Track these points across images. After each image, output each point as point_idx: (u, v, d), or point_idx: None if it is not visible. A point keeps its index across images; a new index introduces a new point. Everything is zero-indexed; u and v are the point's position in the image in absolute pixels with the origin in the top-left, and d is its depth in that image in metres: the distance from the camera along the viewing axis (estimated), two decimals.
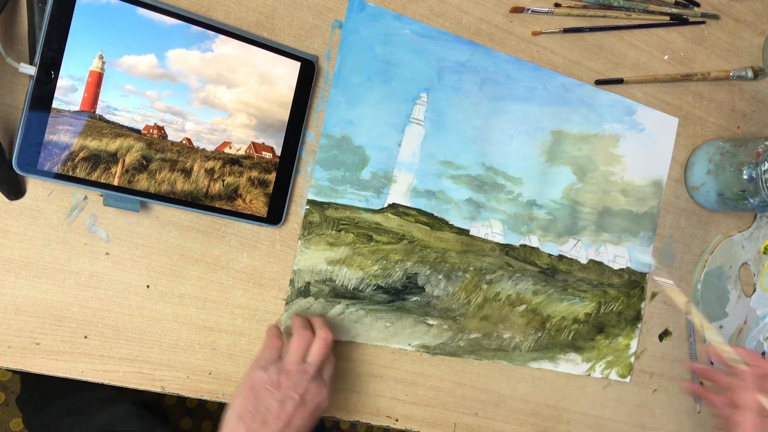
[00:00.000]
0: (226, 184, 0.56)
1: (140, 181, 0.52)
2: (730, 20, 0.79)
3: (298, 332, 0.55)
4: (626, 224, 0.75)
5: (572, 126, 0.71)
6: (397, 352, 0.65)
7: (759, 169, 0.68)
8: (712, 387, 0.43)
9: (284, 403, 0.50)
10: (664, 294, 0.54)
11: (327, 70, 0.60)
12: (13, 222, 0.51)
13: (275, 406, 0.50)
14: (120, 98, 0.51)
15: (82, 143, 0.50)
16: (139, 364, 0.55)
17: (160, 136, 0.53)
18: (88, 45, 0.49)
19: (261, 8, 0.57)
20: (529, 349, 0.71)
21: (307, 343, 0.54)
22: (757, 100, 0.82)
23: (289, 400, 0.51)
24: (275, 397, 0.50)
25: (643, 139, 0.75)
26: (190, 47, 0.53)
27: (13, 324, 0.51)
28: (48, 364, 0.53)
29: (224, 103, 0.55)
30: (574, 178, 0.72)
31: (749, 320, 0.84)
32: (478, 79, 0.66)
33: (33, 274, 0.52)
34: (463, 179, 0.66)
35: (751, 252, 0.84)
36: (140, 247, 0.55)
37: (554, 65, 0.70)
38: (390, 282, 0.64)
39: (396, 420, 0.66)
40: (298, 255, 0.60)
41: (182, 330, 0.57)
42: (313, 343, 0.54)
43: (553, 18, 0.69)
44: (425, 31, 0.63)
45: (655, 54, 0.75)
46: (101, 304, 0.54)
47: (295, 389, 0.51)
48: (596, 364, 0.74)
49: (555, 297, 0.72)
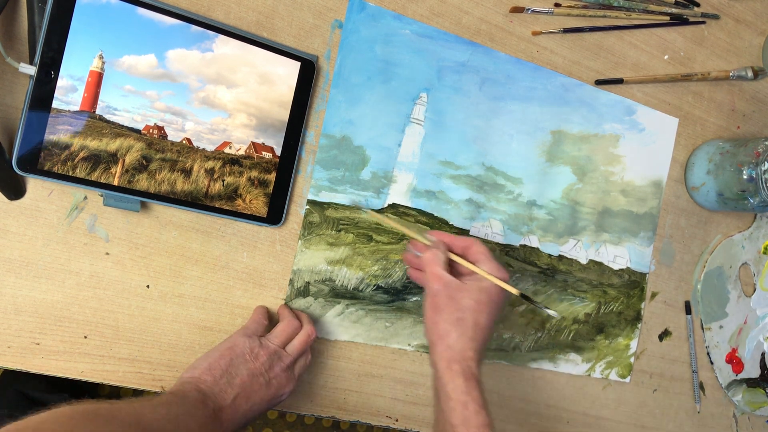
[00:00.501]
0: (226, 184, 0.56)
1: (140, 181, 0.52)
2: (730, 20, 0.79)
3: (288, 320, 0.56)
4: (626, 224, 0.75)
5: (572, 126, 0.71)
6: (397, 352, 0.65)
7: (759, 169, 0.68)
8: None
9: (253, 376, 0.51)
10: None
11: (327, 70, 0.60)
12: (13, 222, 0.51)
13: (245, 374, 0.51)
14: (120, 98, 0.51)
15: (82, 143, 0.50)
16: (139, 364, 0.55)
17: (160, 136, 0.53)
18: (88, 45, 0.49)
19: (261, 8, 0.57)
20: (529, 349, 0.71)
21: (293, 331, 0.56)
22: (757, 100, 0.82)
23: (259, 377, 0.52)
24: (248, 366, 0.52)
25: (643, 139, 0.75)
26: (190, 47, 0.53)
27: (13, 324, 0.51)
28: (48, 364, 0.53)
29: (224, 103, 0.55)
30: (574, 178, 0.72)
31: (749, 320, 0.84)
32: (478, 79, 0.66)
33: (33, 274, 0.52)
34: (463, 179, 0.66)
35: (751, 252, 0.84)
36: (140, 247, 0.55)
37: (554, 65, 0.70)
38: (390, 282, 0.64)
39: (396, 420, 0.66)
40: (298, 255, 0.60)
41: (182, 330, 0.57)
42: (297, 335, 0.56)
43: (553, 18, 0.69)
44: (425, 31, 0.63)
45: (655, 54, 0.75)
46: (101, 304, 0.54)
47: (268, 370, 0.52)
48: (596, 365, 0.74)
49: (555, 297, 0.72)
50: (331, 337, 0.62)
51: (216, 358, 0.51)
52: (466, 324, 0.52)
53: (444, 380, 0.51)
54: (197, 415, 0.46)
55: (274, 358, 0.53)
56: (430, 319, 0.54)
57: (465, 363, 0.51)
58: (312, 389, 0.62)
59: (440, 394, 0.52)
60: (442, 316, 0.53)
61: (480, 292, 0.53)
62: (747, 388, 0.84)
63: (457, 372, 0.51)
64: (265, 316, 0.57)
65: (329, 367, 0.63)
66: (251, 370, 0.52)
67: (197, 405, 0.47)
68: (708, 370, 0.82)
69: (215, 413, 0.48)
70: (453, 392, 0.50)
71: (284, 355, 0.54)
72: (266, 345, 0.53)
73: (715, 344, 0.82)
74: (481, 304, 0.53)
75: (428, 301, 0.54)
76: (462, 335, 0.52)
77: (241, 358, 0.52)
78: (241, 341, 0.53)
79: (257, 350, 0.53)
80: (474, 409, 0.49)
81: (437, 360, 0.52)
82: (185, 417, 0.45)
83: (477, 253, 0.55)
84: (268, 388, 0.52)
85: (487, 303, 0.53)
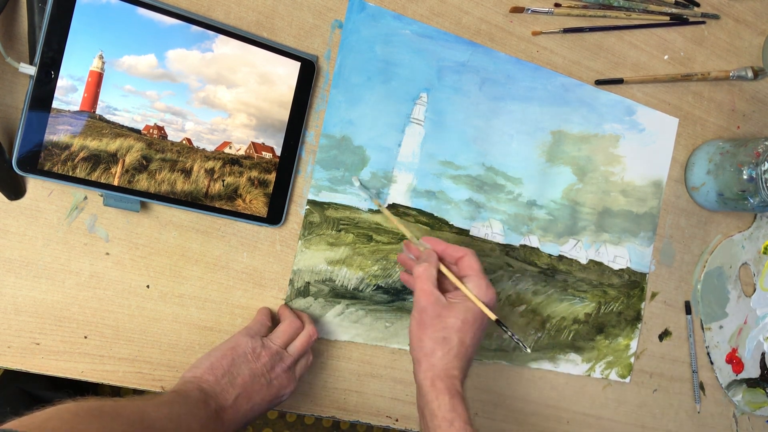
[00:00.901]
0: (226, 184, 0.56)
1: (140, 181, 0.52)
2: (730, 20, 0.79)
3: (289, 320, 0.56)
4: (626, 224, 0.75)
5: (572, 126, 0.71)
6: (397, 352, 0.65)
7: (759, 169, 0.68)
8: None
9: (255, 376, 0.52)
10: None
11: (327, 70, 0.60)
12: (13, 222, 0.51)
13: (246, 374, 0.51)
14: (120, 98, 0.51)
15: (82, 143, 0.50)
16: (139, 364, 0.55)
17: (160, 136, 0.53)
18: (88, 45, 0.49)
19: (261, 8, 0.57)
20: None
21: (294, 332, 0.56)
22: (757, 100, 0.82)
23: (261, 377, 0.52)
24: (250, 366, 0.52)
25: (643, 140, 0.75)
26: (190, 47, 0.53)
27: (13, 324, 0.51)
28: (48, 364, 0.53)
29: (224, 103, 0.55)
30: (574, 179, 0.72)
31: (749, 320, 0.84)
32: (478, 79, 0.66)
33: (33, 274, 0.52)
34: (463, 179, 0.66)
35: (751, 252, 0.84)
36: (140, 247, 0.55)
37: (554, 65, 0.70)
38: (390, 282, 0.64)
39: (396, 420, 0.66)
40: (298, 255, 0.60)
41: (182, 330, 0.57)
42: (298, 336, 0.56)
43: (553, 18, 0.69)
44: (425, 31, 0.63)
45: (655, 54, 0.75)
46: (101, 304, 0.54)
47: (269, 371, 0.53)
48: (596, 365, 0.74)
49: (555, 297, 0.72)
50: (331, 337, 0.62)
51: (218, 358, 0.51)
52: (451, 343, 0.52)
53: (429, 398, 0.51)
54: (199, 415, 0.46)
55: (275, 359, 0.53)
56: (415, 335, 0.54)
57: (450, 381, 0.51)
58: (312, 389, 0.62)
59: (425, 412, 0.51)
60: (428, 334, 0.52)
61: (466, 312, 0.53)
62: (747, 388, 0.84)
63: (441, 390, 0.50)
64: (268, 317, 0.58)
65: (329, 367, 0.63)
66: (253, 371, 0.52)
67: (199, 404, 0.47)
68: (708, 370, 0.82)
69: (217, 413, 0.48)
70: (438, 410, 0.50)
71: (286, 356, 0.54)
72: (268, 345, 0.53)
73: (715, 344, 0.82)
74: (466, 324, 0.53)
75: (414, 316, 0.54)
76: (446, 354, 0.52)
77: (243, 358, 0.52)
78: (243, 341, 0.53)
79: (259, 350, 0.53)
80: (460, 426, 0.49)
81: (422, 378, 0.52)
82: (187, 416, 0.45)
83: (467, 268, 0.55)
84: (270, 388, 0.53)
85: (473, 323, 0.53)
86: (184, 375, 0.51)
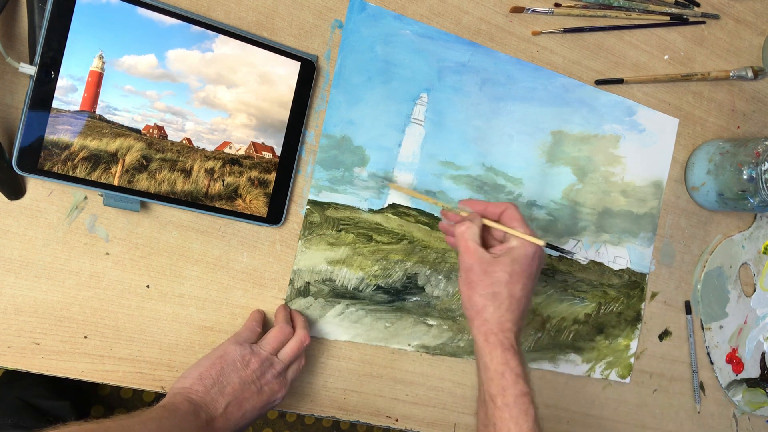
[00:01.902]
0: (226, 184, 0.56)
1: (140, 181, 0.52)
2: (730, 20, 0.79)
3: (280, 325, 0.56)
4: (626, 225, 0.75)
5: (572, 126, 0.71)
6: (397, 352, 0.65)
7: (759, 169, 0.68)
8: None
9: (245, 384, 0.51)
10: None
11: (327, 70, 0.60)
12: (13, 222, 0.51)
13: (236, 383, 0.51)
14: (120, 98, 0.51)
15: (82, 143, 0.50)
16: (139, 364, 0.55)
17: (160, 136, 0.53)
18: (88, 45, 0.49)
19: (261, 8, 0.57)
20: (529, 350, 0.71)
21: (285, 338, 0.55)
22: (757, 100, 0.82)
23: (251, 384, 0.52)
24: (239, 374, 0.52)
25: (644, 140, 0.75)
26: (190, 47, 0.53)
27: (13, 324, 0.51)
28: (48, 364, 0.53)
29: (224, 103, 0.55)
30: (574, 179, 0.72)
31: (749, 320, 0.84)
32: (478, 80, 0.66)
33: (33, 274, 0.52)
34: (464, 180, 0.66)
35: (751, 252, 0.84)
36: (140, 247, 0.55)
37: (554, 65, 0.70)
38: (390, 282, 0.64)
39: (396, 420, 0.66)
40: (298, 255, 0.60)
41: (182, 330, 0.57)
42: (289, 341, 0.56)
43: (553, 18, 0.69)
44: (425, 32, 0.63)
45: (655, 54, 0.75)
46: (101, 304, 0.54)
47: (259, 377, 0.52)
48: (596, 365, 0.74)
49: (555, 297, 0.72)
50: (331, 337, 0.62)
51: (207, 367, 0.51)
52: (501, 297, 0.52)
53: (482, 352, 0.52)
54: (188, 428, 0.46)
55: (265, 365, 0.53)
56: (465, 294, 0.54)
57: (502, 334, 0.52)
58: (312, 389, 0.62)
59: (480, 366, 0.53)
60: (477, 291, 0.53)
61: (513, 264, 0.53)
62: (747, 388, 0.84)
63: (494, 344, 0.51)
64: (258, 323, 0.57)
65: (329, 367, 0.63)
66: (242, 378, 0.51)
67: (188, 417, 0.47)
68: (708, 370, 0.82)
69: (207, 423, 0.48)
70: (491, 363, 0.51)
71: (276, 362, 0.54)
72: (257, 352, 0.53)
73: (715, 344, 0.82)
74: (514, 275, 0.53)
75: (462, 276, 0.54)
76: (498, 308, 0.52)
77: (232, 366, 0.51)
78: (231, 349, 0.52)
79: (248, 357, 0.52)
80: (512, 379, 0.50)
81: (475, 334, 0.53)
82: (176, 431, 0.45)
83: (510, 219, 0.55)
84: (260, 395, 0.52)
85: (521, 273, 0.53)
86: (173, 386, 0.51)
